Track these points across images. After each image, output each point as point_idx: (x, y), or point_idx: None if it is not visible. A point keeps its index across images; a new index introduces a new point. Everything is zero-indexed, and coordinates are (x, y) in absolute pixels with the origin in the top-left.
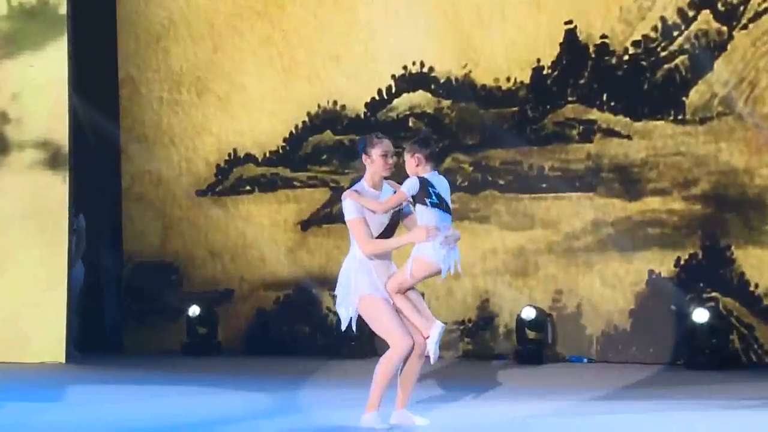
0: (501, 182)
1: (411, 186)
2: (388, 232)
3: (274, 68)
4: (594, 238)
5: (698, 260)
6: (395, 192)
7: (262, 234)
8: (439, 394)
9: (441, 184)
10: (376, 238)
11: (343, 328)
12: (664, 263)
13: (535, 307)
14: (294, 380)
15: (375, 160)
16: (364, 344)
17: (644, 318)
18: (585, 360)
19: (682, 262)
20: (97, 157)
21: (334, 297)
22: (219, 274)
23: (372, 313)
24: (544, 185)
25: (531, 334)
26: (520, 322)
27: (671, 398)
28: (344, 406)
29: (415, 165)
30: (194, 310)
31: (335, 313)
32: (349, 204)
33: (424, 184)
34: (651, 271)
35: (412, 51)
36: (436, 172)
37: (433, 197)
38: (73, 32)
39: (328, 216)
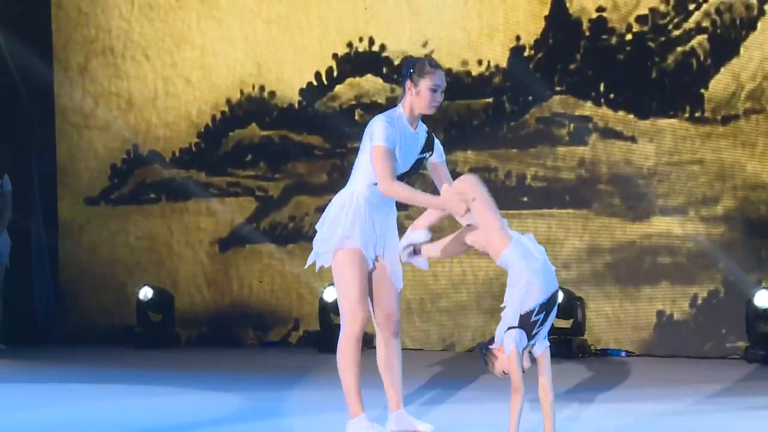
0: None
1: None
2: (404, 179)
3: None
4: (588, 269)
5: (719, 299)
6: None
7: (168, 255)
8: (448, 393)
9: None
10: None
11: (306, 266)
12: (676, 302)
13: (562, 289)
14: (268, 377)
15: (421, 92)
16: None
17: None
18: (623, 353)
19: (699, 302)
20: (25, 103)
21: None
22: (110, 306)
23: (340, 272)
24: (525, 199)
25: (557, 322)
26: None
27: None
28: (328, 409)
29: None
30: (146, 293)
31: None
32: (380, 127)
33: None
34: (660, 313)
35: (358, 24)
36: None
37: None
38: None
39: (254, 233)
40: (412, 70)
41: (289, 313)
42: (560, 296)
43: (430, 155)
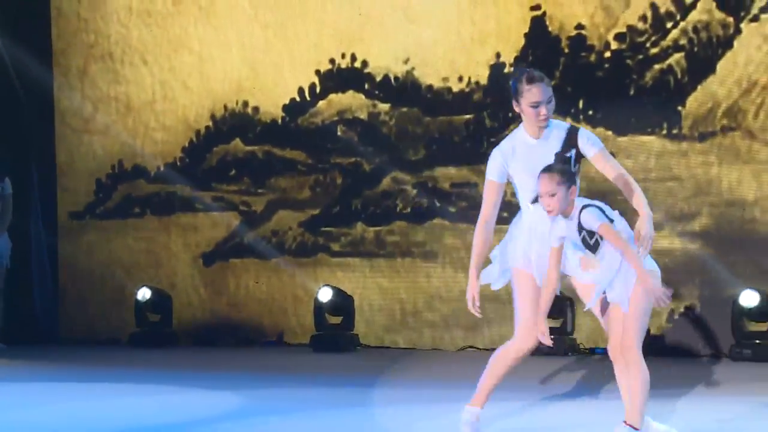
0: (451, 209)
1: None
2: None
3: None
4: (568, 283)
5: (696, 315)
6: (571, 133)
7: (153, 269)
8: (440, 392)
9: None
10: None
11: (481, 282)
12: (654, 317)
13: None
14: (264, 376)
15: (524, 111)
16: (343, 337)
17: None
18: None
19: (676, 317)
20: (25, 108)
21: None
22: (109, 307)
23: (513, 291)
24: (505, 214)
25: (549, 323)
26: None
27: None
28: (323, 407)
29: None
30: (144, 294)
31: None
32: (490, 160)
33: None
34: None
35: (341, 40)
36: None
37: None
38: None
39: (238, 247)
40: (515, 89)
41: (284, 313)
42: None
43: (576, 151)
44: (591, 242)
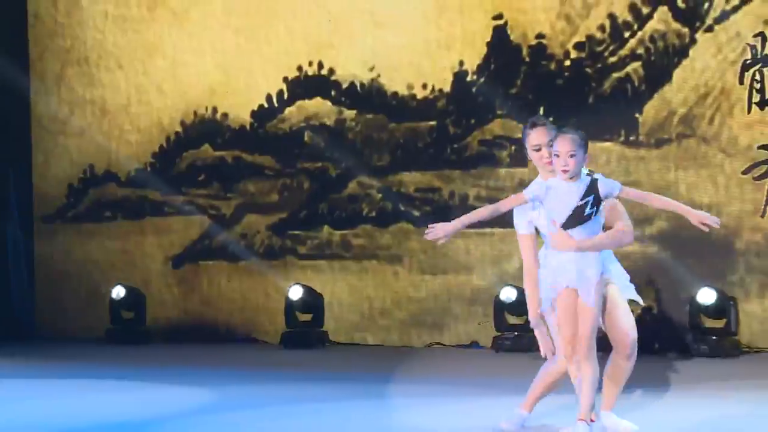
0: (416, 213)
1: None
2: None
3: None
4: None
5: (654, 316)
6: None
7: (127, 268)
8: (412, 388)
9: None
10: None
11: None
12: None
13: (516, 287)
14: (236, 372)
15: (530, 155)
16: (312, 333)
17: None
18: None
19: (635, 317)
20: (2, 111)
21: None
22: (84, 304)
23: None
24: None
25: (512, 319)
26: (499, 306)
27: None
28: (292, 402)
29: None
30: (119, 292)
31: None
32: (514, 217)
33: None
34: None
35: (308, 48)
36: None
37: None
38: None
39: (207, 250)
40: (523, 134)
41: (255, 310)
42: (514, 294)
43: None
44: (585, 213)
